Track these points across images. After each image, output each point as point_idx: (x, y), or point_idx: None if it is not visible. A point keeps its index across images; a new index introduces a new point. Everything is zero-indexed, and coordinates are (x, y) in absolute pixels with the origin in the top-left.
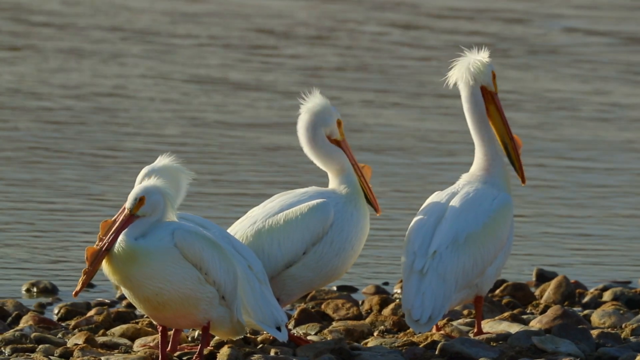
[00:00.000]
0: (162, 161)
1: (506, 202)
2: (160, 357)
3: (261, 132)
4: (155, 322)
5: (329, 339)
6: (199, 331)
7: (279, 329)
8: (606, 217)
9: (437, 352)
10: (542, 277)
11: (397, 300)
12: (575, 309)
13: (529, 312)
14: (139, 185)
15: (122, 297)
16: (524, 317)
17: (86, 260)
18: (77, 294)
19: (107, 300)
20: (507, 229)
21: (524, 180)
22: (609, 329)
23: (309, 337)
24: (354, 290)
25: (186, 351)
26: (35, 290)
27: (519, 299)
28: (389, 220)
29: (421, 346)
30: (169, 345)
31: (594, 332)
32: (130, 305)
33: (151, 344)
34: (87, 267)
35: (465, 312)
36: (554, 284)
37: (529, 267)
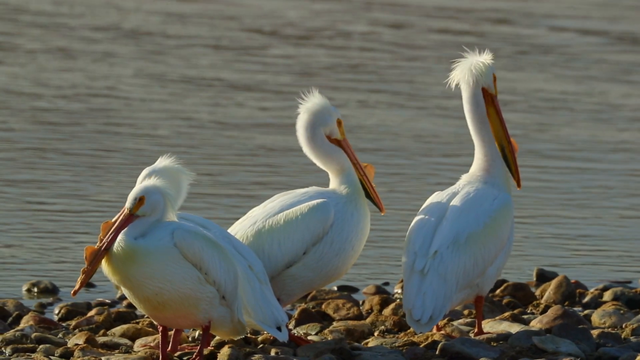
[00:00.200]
0: (162, 162)
1: (507, 202)
2: (160, 357)
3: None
4: (155, 322)
5: (329, 339)
6: (199, 331)
7: (279, 329)
8: (606, 218)
9: (437, 352)
10: (543, 277)
11: (398, 300)
12: (575, 309)
13: (529, 312)
14: (139, 185)
15: (123, 297)
16: (525, 317)
17: (85, 259)
18: (75, 293)
19: (107, 300)
20: (508, 229)
21: (520, 184)
22: (610, 329)
23: (309, 337)
24: (355, 290)
25: (187, 351)
26: (35, 290)
27: (519, 299)
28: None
29: (422, 346)
30: (170, 345)
31: (595, 332)
32: (130, 305)
33: (152, 344)
34: (86, 266)
35: (465, 312)
36: (554, 284)
37: (530, 267)
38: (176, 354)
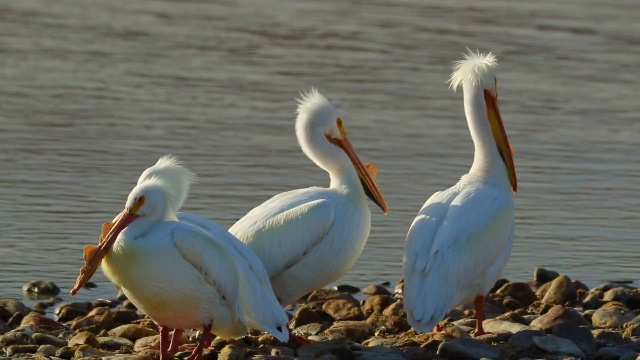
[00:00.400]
0: (163, 163)
1: (507, 202)
2: (161, 357)
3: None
4: (156, 322)
5: (330, 339)
6: (199, 331)
7: (279, 329)
8: (607, 218)
9: (438, 352)
10: (543, 277)
11: (398, 300)
12: (576, 308)
13: (529, 312)
14: (139, 184)
15: (123, 297)
16: (525, 317)
17: (85, 259)
18: (74, 293)
19: (108, 300)
20: (508, 228)
21: (516, 188)
22: (610, 329)
23: (310, 337)
24: (355, 290)
25: (187, 351)
26: (36, 290)
27: (519, 298)
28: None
29: (422, 346)
30: (170, 345)
31: (595, 332)
32: (131, 305)
33: (152, 344)
34: (85, 265)
35: (466, 312)
36: (554, 283)
37: (530, 267)
38: (177, 354)
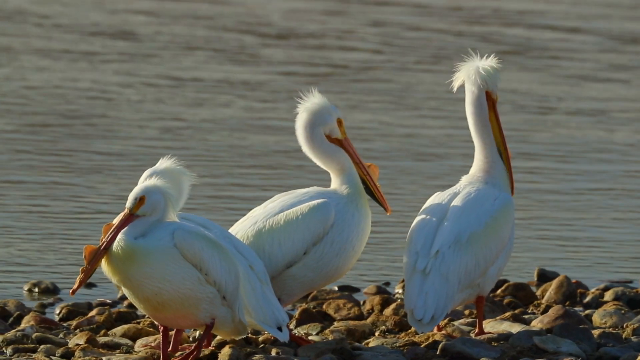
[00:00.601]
0: (164, 163)
1: (507, 202)
2: (161, 357)
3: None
4: (156, 322)
5: (330, 339)
6: (200, 331)
7: (280, 329)
8: (607, 218)
9: (438, 352)
10: (544, 277)
11: (399, 300)
12: (576, 308)
13: (530, 312)
14: (140, 184)
15: (124, 297)
16: (525, 317)
17: (85, 258)
18: (74, 292)
19: (108, 300)
20: (509, 228)
21: (513, 191)
22: (610, 329)
23: (310, 337)
24: (356, 290)
25: (187, 351)
26: (36, 290)
27: (520, 298)
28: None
29: (422, 346)
30: (170, 345)
31: (595, 332)
32: (131, 305)
33: (152, 344)
34: (85, 265)
35: (466, 312)
36: (555, 283)
37: (531, 267)
38: (177, 354)
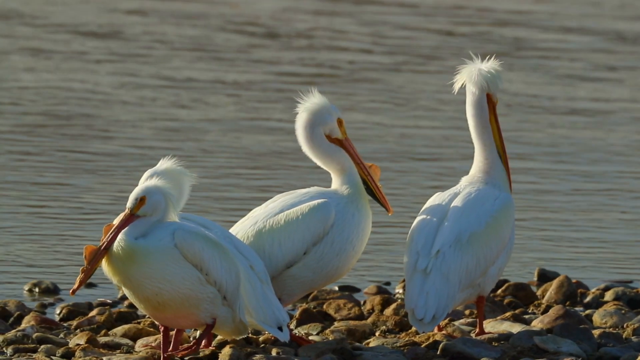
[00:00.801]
0: (164, 164)
1: (508, 201)
2: (162, 357)
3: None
4: (157, 322)
5: (330, 339)
6: (200, 331)
7: (280, 329)
8: (607, 218)
9: (438, 352)
10: (544, 277)
11: (399, 300)
12: (576, 308)
13: (530, 312)
14: (141, 185)
15: (124, 297)
16: (526, 317)
17: (85, 258)
18: (74, 292)
19: (109, 300)
20: (509, 228)
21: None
22: (611, 329)
23: (310, 337)
24: (356, 290)
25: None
26: (37, 290)
27: (520, 298)
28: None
29: (423, 346)
30: (171, 345)
31: (596, 332)
32: (132, 305)
33: (153, 344)
34: (85, 265)
35: (467, 312)
36: (555, 283)
37: (531, 267)
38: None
